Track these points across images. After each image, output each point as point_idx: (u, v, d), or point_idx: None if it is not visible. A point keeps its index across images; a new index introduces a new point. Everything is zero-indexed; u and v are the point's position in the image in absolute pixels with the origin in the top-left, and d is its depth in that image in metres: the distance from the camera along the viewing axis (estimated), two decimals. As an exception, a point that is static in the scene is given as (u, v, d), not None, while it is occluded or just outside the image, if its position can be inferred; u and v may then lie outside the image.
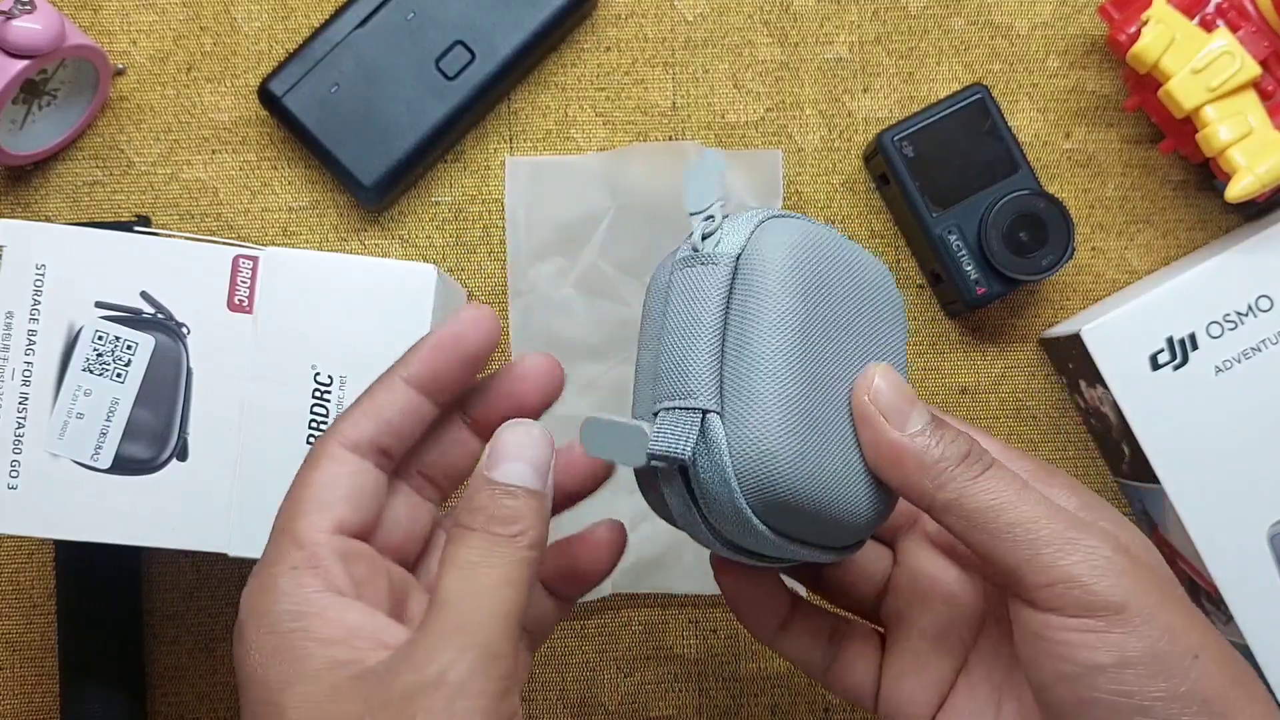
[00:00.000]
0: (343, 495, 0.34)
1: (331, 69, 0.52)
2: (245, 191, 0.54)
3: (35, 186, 0.54)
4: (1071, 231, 0.51)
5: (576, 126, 0.55)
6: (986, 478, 0.32)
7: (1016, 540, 0.31)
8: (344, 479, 0.34)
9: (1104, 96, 0.55)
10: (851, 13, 0.55)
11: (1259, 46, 0.49)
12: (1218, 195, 0.55)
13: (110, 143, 0.54)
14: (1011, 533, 0.31)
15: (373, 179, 0.52)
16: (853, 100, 0.55)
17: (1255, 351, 0.49)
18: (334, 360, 0.45)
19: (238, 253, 0.45)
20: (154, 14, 0.54)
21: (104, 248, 0.45)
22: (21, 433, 0.44)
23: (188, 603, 0.54)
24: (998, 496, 0.32)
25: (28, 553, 0.54)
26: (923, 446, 0.32)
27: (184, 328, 0.45)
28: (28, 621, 0.54)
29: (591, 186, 0.54)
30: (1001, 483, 0.32)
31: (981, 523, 0.32)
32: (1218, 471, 0.49)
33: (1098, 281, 0.55)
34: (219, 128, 0.54)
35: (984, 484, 0.32)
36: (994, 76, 0.55)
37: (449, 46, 0.52)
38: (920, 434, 0.33)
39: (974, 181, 0.52)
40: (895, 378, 0.33)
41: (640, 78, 0.55)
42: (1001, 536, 0.32)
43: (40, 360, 0.45)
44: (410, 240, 0.54)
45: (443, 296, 0.47)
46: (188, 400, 0.45)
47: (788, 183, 0.55)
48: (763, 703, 0.54)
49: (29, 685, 0.54)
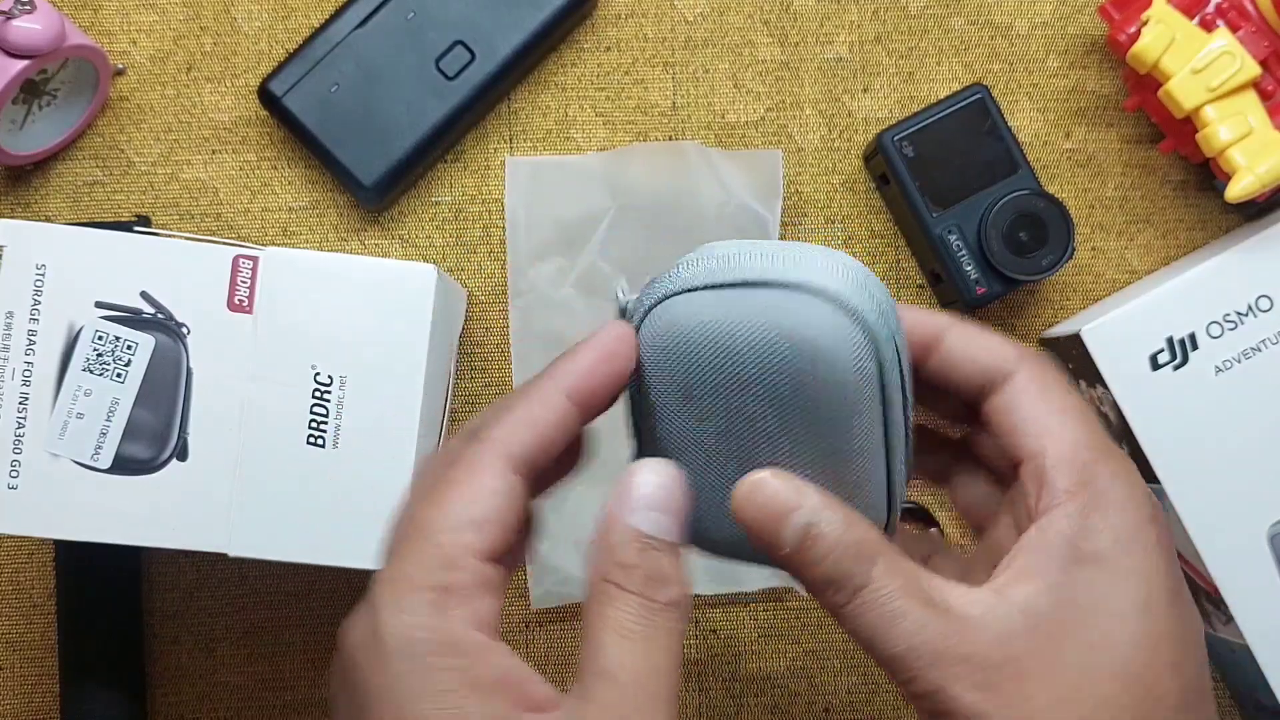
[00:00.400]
0: (496, 516, 0.31)
1: (331, 69, 0.52)
2: (245, 191, 0.54)
3: (35, 186, 0.54)
4: (1071, 231, 0.51)
5: (576, 126, 0.55)
6: (852, 611, 0.31)
7: (887, 669, 0.31)
8: (501, 496, 0.31)
9: (1104, 96, 0.55)
10: (851, 13, 0.55)
11: (1259, 46, 0.49)
12: (1218, 195, 0.55)
13: (110, 143, 0.54)
14: (881, 663, 0.31)
15: (373, 179, 0.52)
16: (853, 100, 0.55)
17: (1255, 351, 0.49)
18: (334, 360, 0.45)
19: (238, 253, 0.45)
20: (154, 14, 0.54)
21: (104, 248, 0.45)
22: (22, 433, 0.44)
23: (188, 603, 0.54)
24: (865, 634, 0.31)
25: (28, 553, 0.54)
26: (794, 570, 0.32)
27: (184, 328, 0.45)
28: (28, 621, 0.54)
29: (591, 186, 0.54)
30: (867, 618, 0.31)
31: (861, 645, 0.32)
32: (1218, 471, 0.49)
33: (1098, 281, 0.55)
34: (219, 128, 0.54)
35: (852, 616, 0.31)
36: (994, 76, 0.55)
37: (449, 46, 0.52)
38: (789, 559, 0.32)
39: (974, 181, 0.52)
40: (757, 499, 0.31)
41: (640, 78, 0.55)
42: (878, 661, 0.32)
43: (40, 360, 0.45)
44: (410, 240, 0.54)
45: (443, 296, 0.47)
46: (188, 400, 0.45)
47: (788, 183, 0.55)
48: (763, 703, 0.54)
49: (29, 685, 0.54)
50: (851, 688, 0.54)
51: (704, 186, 0.53)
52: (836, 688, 0.54)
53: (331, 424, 0.45)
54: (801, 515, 0.31)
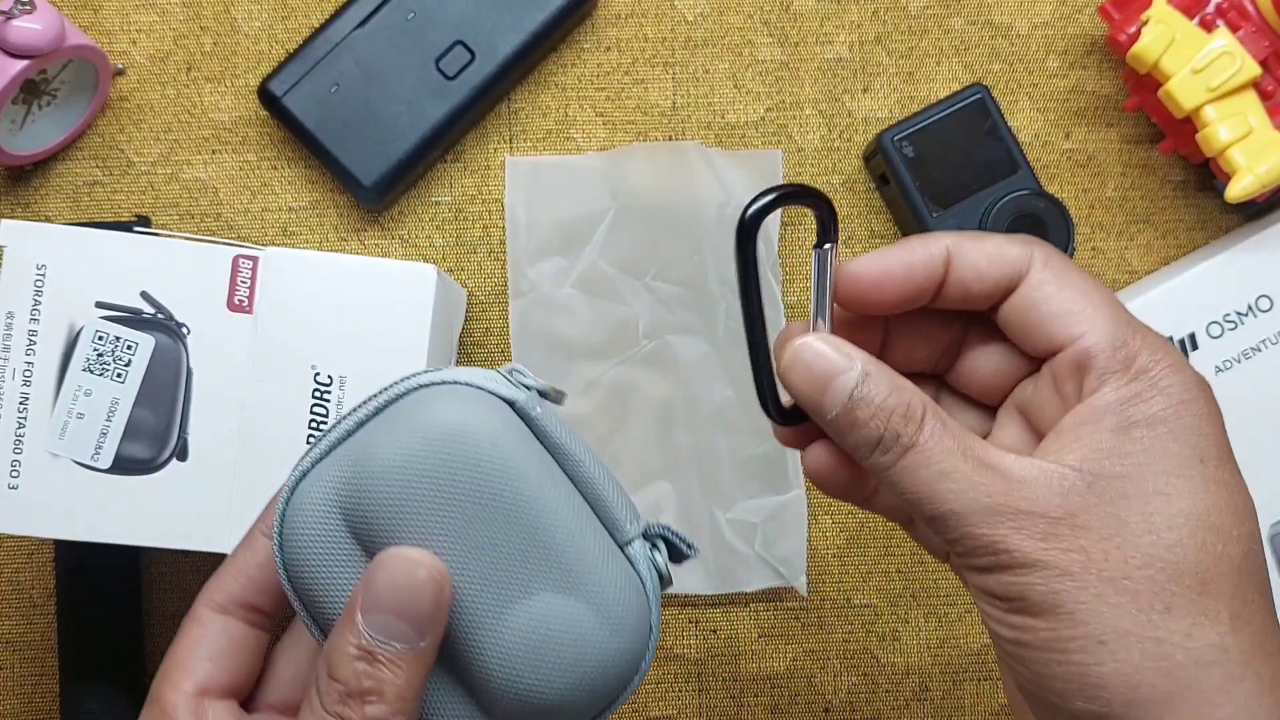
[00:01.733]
0: (205, 655, 0.35)
1: (331, 69, 0.52)
2: (245, 191, 0.54)
3: (35, 186, 0.54)
4: (1071, 231, 0.51)
5: (576, 126, 0.55)
6: (900, 470, 0.31)
7: (935, 529, 0.32)
8: (207, 640, 0.35)
9: (1104, 96, 0.55)
10: (851, 13, 0.55)
11: (1259, 46, 0.49)
12: (1218, 195, 0.55)
13: (110, 143, 0.54)
14: (929, 523, 0.32)
15: (373, 179, 0.52)
16: (853, 100, 0.55)
17: (1255, 351, 0.49)
18: (334, 360, 0.45)
19: (238, 253, 0.45)
20: (154, 14, 0.54)
21: (104, 248, 0.45)
22: (22, 433, 0.44)
23: (187, 603, 0.54)
24: (912, 492, 0.31)
25: (28, 553, 0.54)
26: (838, 434, 0.32)
27: (184, 328, 0.45)
28: (28, 621, 0.54)
29: (591, 186, 0.54)
30: (916, 476, 0.31)
31: (906, 504, 0.32)
32: (1218, 471, 0.49)
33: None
34: (219, 128, 0.54)
35: (898, 477, 0.31)
36: (994, 76, 0.55)
37: (449, 46, 0.52)
38: (834, 422, 0.32)
39: (974, 181, 0.52)
40: (802, 365, 0.32)
41: (640, 78, 0.55)
42: (923, 519, 0.32)
43: (41, 360, 0.45)
44: (410, 240, 0.54)
45: (443, 296, 0.47)
46: (188, 400, 0.45)
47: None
48: (763, 703, 0.54)
49: (29, 685, 0.54)
50: (851, 688, 0.54)
51: (704, 186, 0.53)
52: (836, 688, 0.54)
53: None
54: (849, 378, 0.32)
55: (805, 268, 0.55)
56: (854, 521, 0.54)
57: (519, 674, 0.32)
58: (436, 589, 0.31)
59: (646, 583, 0.34)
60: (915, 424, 0.31)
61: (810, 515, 0.54)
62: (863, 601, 0.54)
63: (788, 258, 0.55)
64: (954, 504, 0.30)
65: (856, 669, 0.54)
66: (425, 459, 0.32)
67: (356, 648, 0.31)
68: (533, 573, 0.32)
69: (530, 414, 0.34)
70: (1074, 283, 0.33)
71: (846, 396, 0.32)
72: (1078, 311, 0.32)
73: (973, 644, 0.54)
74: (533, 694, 0.32)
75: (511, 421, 0.33)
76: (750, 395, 0.35)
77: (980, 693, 0.54)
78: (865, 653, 0.54)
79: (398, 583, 0.31)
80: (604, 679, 0.33)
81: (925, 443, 0.31)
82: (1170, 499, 0.30)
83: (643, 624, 0.34)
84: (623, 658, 0.33)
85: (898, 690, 0.54)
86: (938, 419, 0.32)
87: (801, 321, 0.34)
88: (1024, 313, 0.33)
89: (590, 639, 0.33)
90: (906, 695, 0.54)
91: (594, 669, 0.33)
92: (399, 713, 0.31)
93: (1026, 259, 0.33)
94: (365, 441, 0.33)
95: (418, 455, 0.32)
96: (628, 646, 0.34)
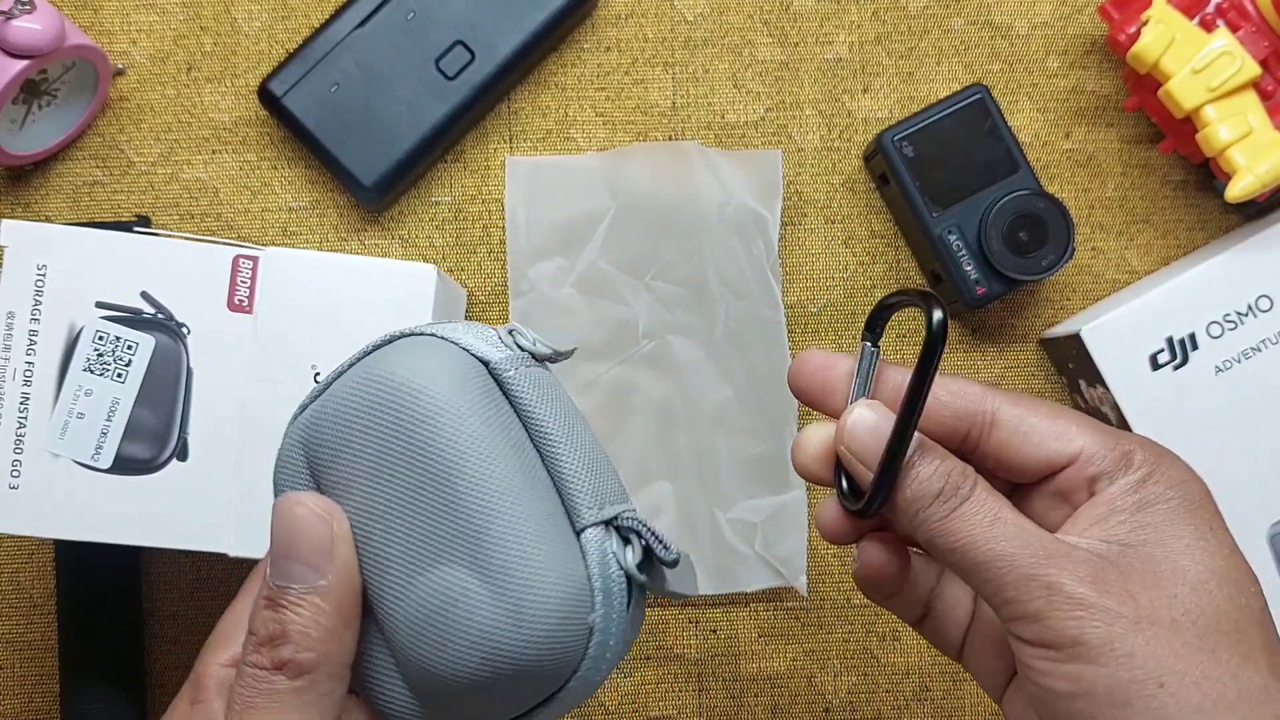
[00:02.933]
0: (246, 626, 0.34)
1: (331, 69, 0.52)
2: (245, 191, 0.54)
3: (35, 186, 0.54)
4: (1071, 231, 0.51)
5: (576, 126, 0.55)
6: (955, 518, 0.33)
7: (984, 579, 0.32)
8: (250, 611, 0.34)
9: (1104, 96, 0.55)
10: (851, 13, 0.55)
11: (1259, 46, 0.49)
12: (1218, 195, 0.55)
13: (110, 143, 0.54)
14: (979, 572, 0.32)
15: (373, 179, 0.52)
16: (853, 100, 0.55)
17: (1255, 351, 0.49)
18: (334, 360, 0.45)
19: (238, 253, 0.45)
20: (154, 14, 0.54)
21: (104, 248, 0.45)
22: (23, 432, 0.44)
23: (188, 603, 0.54)
24: (964, 538, 0.32)
25: (28, 553, 0.54)
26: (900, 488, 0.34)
27: (184, 328, 0.45)
28: (28, 621, 0.54)
29: (591, 186, 0.54)
30: (970, 522, 0.33)
31: (953, 561, 0.33)
32: (1217, 471, 0.48)
33: (1098, 281, 0.55)
34: (219, 128, 0.54)
35: (952, 525, 0.33)
36: (994, 76, 0.55)
37: (449, 46, 0.52)
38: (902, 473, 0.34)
39: (974, 181, 0.52)
40: (866, 420, 0.34)
41: (640, 78, 0.55)
42: (971, 574, 0.33)
43: (41, 360, 0.45)
44: (410, 240, 0.54)
45: (443, 297, 0.47)
46: (188, 400, 0.45)
47: (788, 183, 0.55)
48: (763, 703, 0.54)
49: (29, 685, 0.54)
50: (851, 688, 0.54)
51: (704, 186, 0.53)
52: (836, 688, 0.54)
53: (332, 424, 0.45)
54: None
55: (805, 267, 0.55)
56: (854, 521, 0.54)
57: (416, 644, 0.31)
58: (321, 525, 0.31)
59: (594, 577, 0.31)
60: (970, 480, 0.33)
61: (810, 515, 0.54)
62: (863, 601, 0.54)
63: (787, 258, 0.55)
64: (1008, 545, 0.32)
65: (856, 669, 0.54)
66: (364, 406, 0.31)
67: (264, 597, 0.31)
68: (446, 541, 0.30)
69: (501, 375, 0.32)
70: (1044, 409, 0.35)
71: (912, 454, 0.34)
72: (1063, 432, 0.34)
73: (973, 644, 0.54)
74: (432, 667, 0.30)
75: (475, 381, 0.31)
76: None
77: (980, 693, 0.54)
78: (865, 653, 0.54)
79: (284, 525, 0.31)
80: (516, 670, 0.30)
81: (980, 494, 0.33)
82: (1194, 559, 0.32)
83: (568, 620, 0.30)
84: (536, 651, 0.30)
85: (898, 690, 0.54)
86: (983, 480, 0.34)
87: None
88: (1008, 448, 0.35)
89: (482, 622, 0.30)
90: (906, 695, 0.54)
91: (498, 657, 0.30)
92: (306, 650, 0.31)
93: (987, 396, 0.35)
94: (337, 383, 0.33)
95: (360, 401, 0.32)
96: (540, 640, 0.30)
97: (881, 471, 0.33)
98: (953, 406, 0.35)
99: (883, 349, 0.36)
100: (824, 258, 0.55)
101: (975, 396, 0.35)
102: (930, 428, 0.35)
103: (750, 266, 0.53)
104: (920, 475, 0.33)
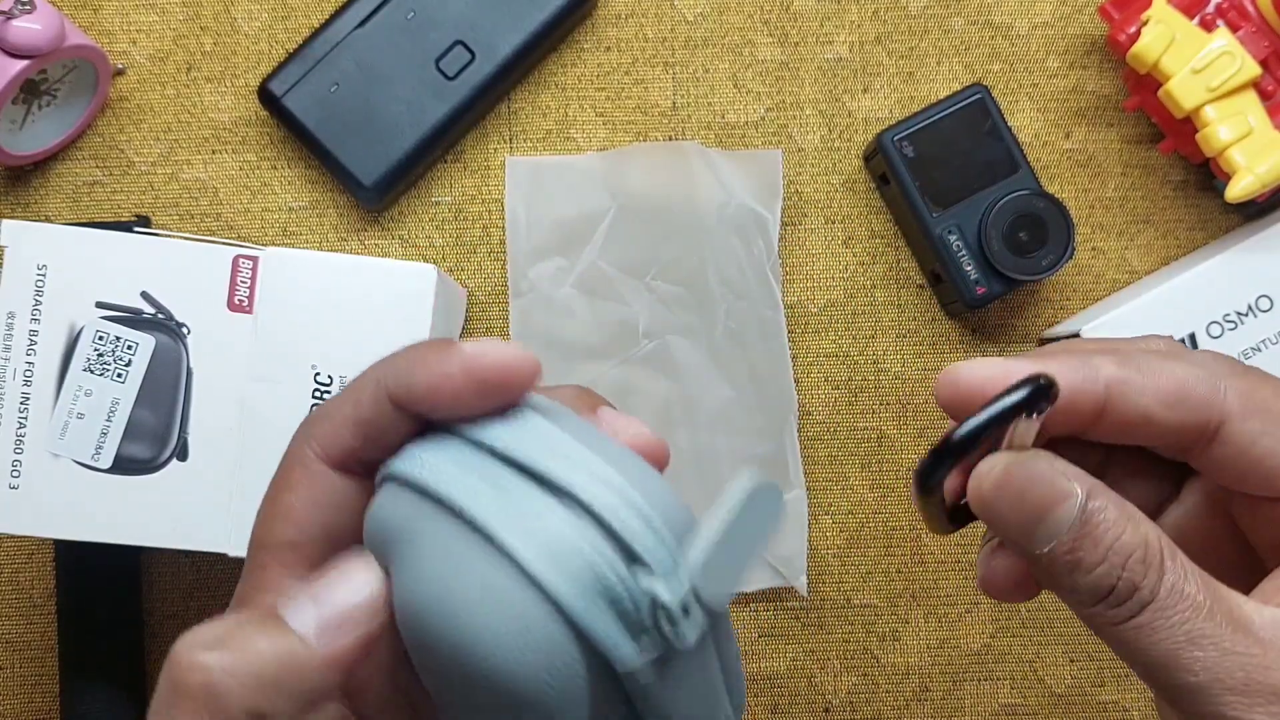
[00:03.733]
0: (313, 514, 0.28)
1: (331, 69, 0.52)
2: (245, 191, 0.54)
3: (35, 186, 0.54)
4: (1071, 231, 0.51)
5: (576, 126, 0.55)
6: (1133, 628, 0.26)
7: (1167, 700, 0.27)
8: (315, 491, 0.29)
9: (1104, 96, 0.55)
10: (851, 13, 0.55)
11: (1259, 46, 0.49)
12: (1218, 195, 0.55)
13: (110, 143, 0.54)
14: (1169, 694, 0.26)
15: (373, 179, 0.52)
16: (853, 100, 0.55)
17: (1255, 351, 0.49)
18: (334, 360, 0.45)
19: (238, 253, 0.45)
20: (154, 14, 0.54)
21: (104, 248, 0.45)
22: (23, 432, 0.44)
23: (188, 603, 0.54)
24: (1143, 656, 0.26)
25: (28, 553, 0.54)
26: (1049, 575, 0.27)
27: (184, 328, 0.45)
28: (28, 621, 0.54)
29: (591, 186, 0.54)
30: (1156, 637, 0.26)
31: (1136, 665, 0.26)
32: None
33: (1098, 281, 0.55)
34: (219, 128, 0.54)
35: (1126, 635, 0.26)
36: (994, 76, 0.55)
37: (449, 46, 0.52)
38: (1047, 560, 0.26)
39: (974, 181, 0.52)
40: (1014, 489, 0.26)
41: (640, 78, 0.55)
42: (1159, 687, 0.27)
43: (41, 360, 0.45)
44: (410, 240, 0.55)
45: (443, 296, 0.47)
46: (188, 400, 0.45)
47: (788, 183, 0.55)
48: (763, 703, 0.54)
49: (29, 685, 0.54)
50: (851, 688, 0.54)
51: (704, 186, 0.53)
52: (836, 688, 0.54)
53: (332, 424, 0.45)
54: (1072, 505, 0.26)
55: (805, 267, 0.55)
56: (854, 521, 0.54)
57: None
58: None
59: None
60: (1156, 571, 0.26)
61: (810, 515, 0.54)
62: (863, 601, 0.54)
63: (787, 258, 0.55)
64: (1204, 677, 0.25)
65: (856, 669, 0.54)
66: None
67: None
68: None
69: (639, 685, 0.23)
70: None
71: (1073, 527, 0.26)
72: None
73: (973, 644, 0.54)
74: None
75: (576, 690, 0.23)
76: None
77: (980, 693, 0.54)
78: (865, 653, 0.54)
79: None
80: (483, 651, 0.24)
81: (1167, 597, 0.26)
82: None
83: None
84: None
85: (898, 690, 0.54)
86: (1175, 559, 0.26)
87: None
88: (1235, 461, 0.28)
89: None
90: (906, 695, 0.54)
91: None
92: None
93: (1217, 400, 0.28)
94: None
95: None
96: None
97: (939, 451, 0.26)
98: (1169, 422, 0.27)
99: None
100: (824, 258, 0.55)
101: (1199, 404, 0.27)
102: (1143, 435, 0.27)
103: (750, 266, 0.53)
104: (1083, 564, 0.26)
